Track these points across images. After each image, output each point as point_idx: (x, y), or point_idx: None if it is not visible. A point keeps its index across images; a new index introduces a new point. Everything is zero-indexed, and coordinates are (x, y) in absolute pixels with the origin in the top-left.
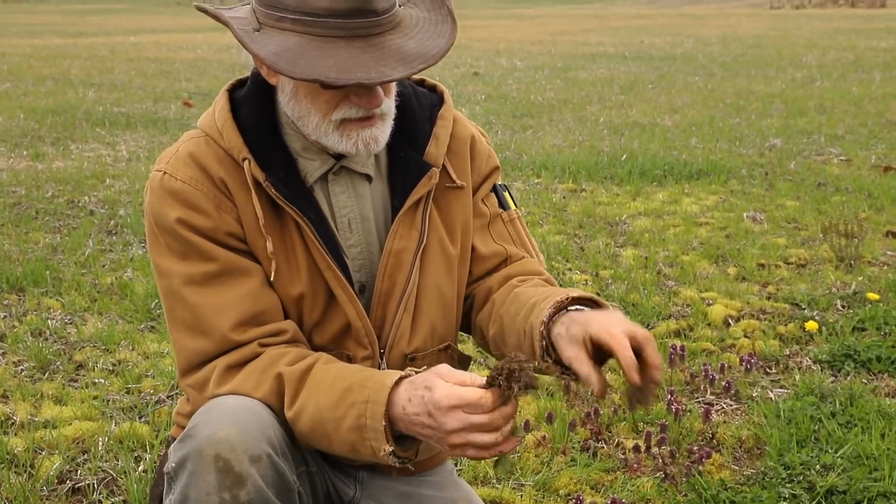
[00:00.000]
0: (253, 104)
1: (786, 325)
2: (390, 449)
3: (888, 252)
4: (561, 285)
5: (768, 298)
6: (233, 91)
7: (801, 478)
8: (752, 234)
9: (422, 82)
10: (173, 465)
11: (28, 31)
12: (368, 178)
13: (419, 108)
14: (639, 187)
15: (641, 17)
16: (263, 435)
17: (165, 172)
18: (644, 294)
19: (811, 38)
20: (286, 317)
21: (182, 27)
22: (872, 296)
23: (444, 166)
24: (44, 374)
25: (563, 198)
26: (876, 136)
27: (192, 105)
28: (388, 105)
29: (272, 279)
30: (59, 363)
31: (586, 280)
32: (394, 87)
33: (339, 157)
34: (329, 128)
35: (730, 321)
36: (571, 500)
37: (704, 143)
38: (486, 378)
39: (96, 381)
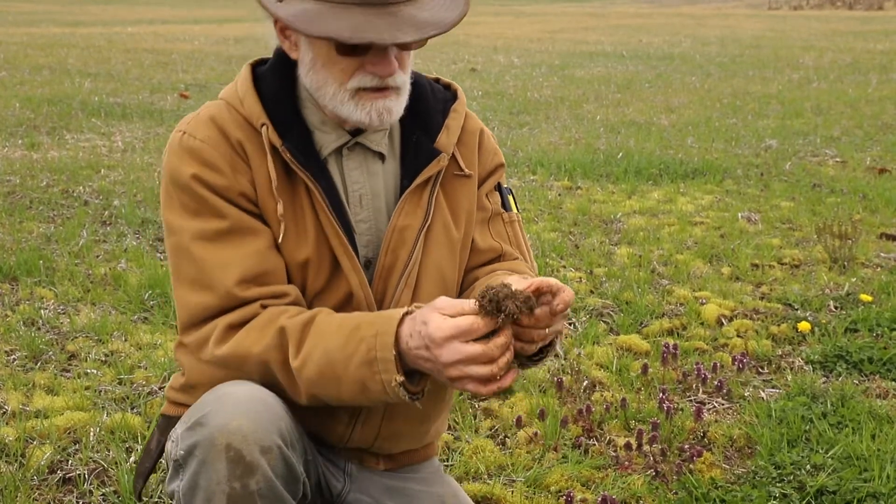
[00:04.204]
0: (274, 78)
1: (779, 325)
2: (401, 379)
3: (882, 254)
4: None
5: (762, 298)
6: (255, 67)
7: (792, 477)
8: (747, 234)
9: (437, 80)
10: (182, 452)
11: (25, 19)
12: (381, 157)
13: (434, 100)
14: (634, 186)
15: (640, 16)
16: (275, 426)
17: (185, 132)
18: (638, 292)
19: (809, 40)
20: (290, 282)
21: (180, 18)
22: (865, 297)
23: (453, 155)
24: (36, 364)
25: (559, 195)
26: (871, 139)
27: (189, 97)
28: (403, 79)
29: (280, 241)
30: (51, 353)
31: (580, 278)
32: (409, 63)
33: (355, 134)
34: (345, 97)
35: (723, 321)
36: (562, 496)
37: (700, 143)
38: (476, 302)
39: (88, 371)
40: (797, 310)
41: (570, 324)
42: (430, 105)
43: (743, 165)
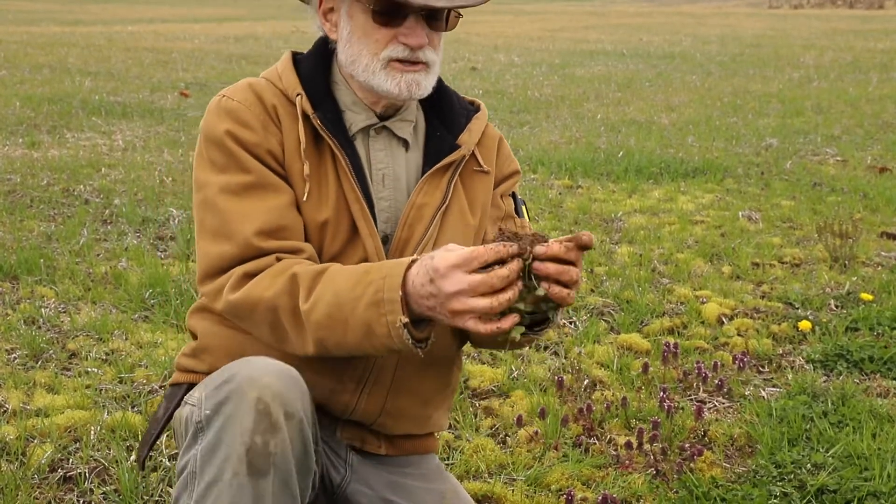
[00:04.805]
0: (312, 61)
1: (779, 324)
2: (405, 320)
3: (882, 252)
4: None
5: (762, 297)
6: (294, 55)
7: (792, 476)
8: (748, 232)
9: (462, 97)
10: (207, 412)
11: (25, 18)
12: (406, 144)
13: (459, 106)
14: (635, 185)
15: (641, 14)
16: (300, 396)
17: (225, 95)
18: (638, 291)
19: (809, 39)
20: (308, 242)
21: (180, 17)
22: (866, 296)
23: (473, 153)
24: (36, 363)
25: (560, 194)
26: (872, 137)
27: (189, 95)
28: (434, 57)
29: (304, 200)
30: (52, 352)
31: (581, 276)
32: (439, 44)
33: (383, 119)
34: (377, 66)
35: (723, 319)
36: (563, 495)
37: (701, 142)
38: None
39: (89, 370)
40: (798, 309)
41: (570, 322)
42: (455, 109)
43: (743, 164)
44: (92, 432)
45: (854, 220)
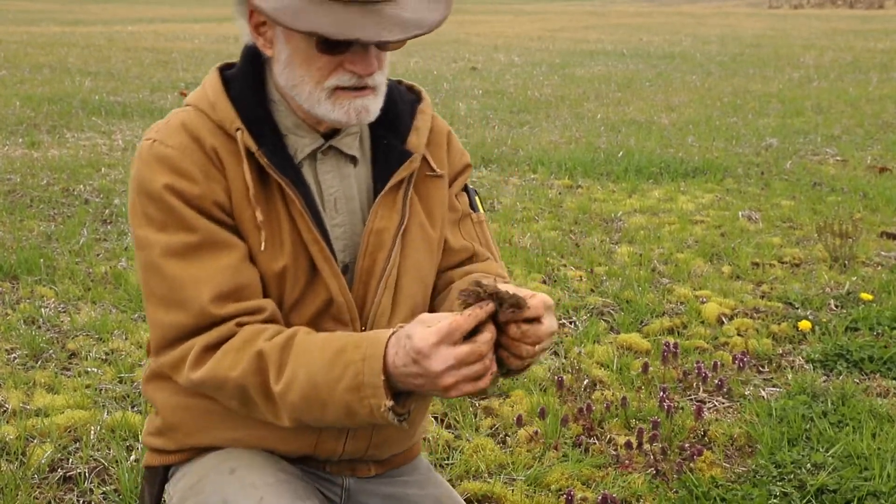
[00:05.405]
0: (244, 81)
1: (779, 324)
2: (390, 404)
3: (882, 252)
4: (555, 281)
5: (762, 297)
6: (223, 71)
7: (792, 476)
8: (747, 232)
9: (400, 82)
10: None
11: (25, 18)
12: (353, 160)
13: (401, 102)
14: (635, 184)
15: (641, 14)
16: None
17: (156, 140)
18: (638, 291)
19: (809, 39)
20: (266, 295)
21: (180, 17)
22: (866, 296)
23: (424, 156)
24: (36, 363)
25: (560, 194)
26: (872, 137)
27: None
28: (381, 79)
29: (261, 250)
30: (51, 351)
31: (581, 276)
32: (386, 63)
33: (328, 137)
34: (322, 95)
35: (723, 319)
36: (563, 495)
37: (701, 142)
38: (457, 303)
39: (89, 370)
40: (798, 308)
41: (570, 322)
42: (397, 107)
43: (743, 164)
44: (92, 432)
45: (854, 219)
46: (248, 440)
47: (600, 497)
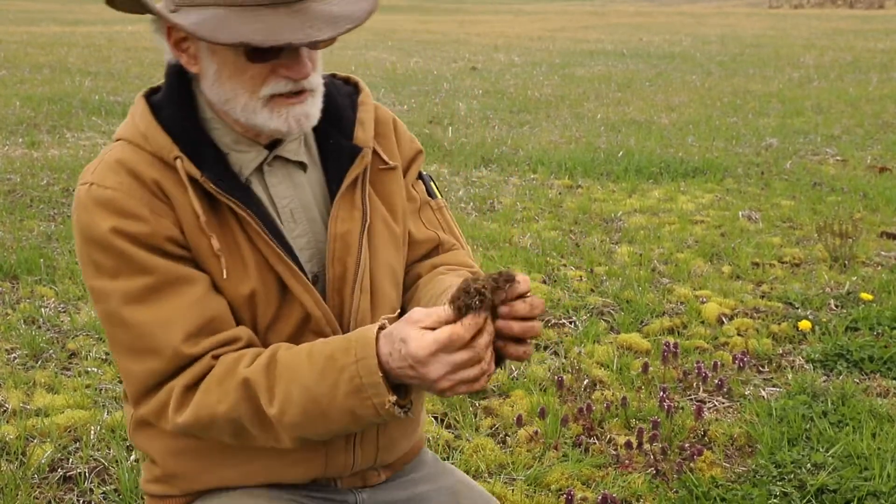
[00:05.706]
0: (173, 104)
1: (779, 323)
2: (394, 399)
3: (882, 252)
4: (556, 281)
5: (762, 297)
6: (149, 97)
7: (792, 476)
8: (747, 232)
9: (334, 75)
10: None
11: (25, 18)
12: (303, 166)
13: (339, 96)
14: (635, 184)
15: (640, 14)
16: None
17: (92, 183)
18: (638, 291)
19: (809, 39)
20: (238, 321)
21: None
22: (866, 296)
23: (374, 150)
24: (36, 363)
25: (559, 194)
26: (872, 137)
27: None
28: (317, 81)
29: (225, 277)
30: (51, 351)
31: (581, 276)
32: (320, 62)
33: (271, 147)
34: (258, 105)
35: (723, 319)
36: (563, 494)
37: (701, 142)
38: (451, 307)
39: (89, 369)
40: (798, 308)
41: (570, 322)
42: (337, 102)
43: (743, 164)
44: (92, 432)
45: (854, 219)
46: (255, 473)
47: (600, 497)
